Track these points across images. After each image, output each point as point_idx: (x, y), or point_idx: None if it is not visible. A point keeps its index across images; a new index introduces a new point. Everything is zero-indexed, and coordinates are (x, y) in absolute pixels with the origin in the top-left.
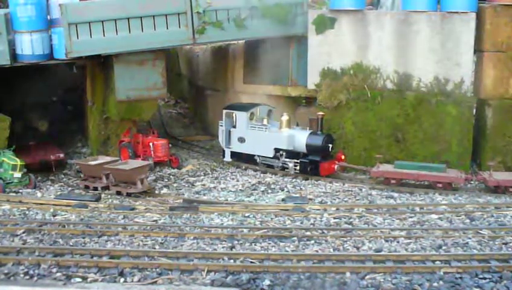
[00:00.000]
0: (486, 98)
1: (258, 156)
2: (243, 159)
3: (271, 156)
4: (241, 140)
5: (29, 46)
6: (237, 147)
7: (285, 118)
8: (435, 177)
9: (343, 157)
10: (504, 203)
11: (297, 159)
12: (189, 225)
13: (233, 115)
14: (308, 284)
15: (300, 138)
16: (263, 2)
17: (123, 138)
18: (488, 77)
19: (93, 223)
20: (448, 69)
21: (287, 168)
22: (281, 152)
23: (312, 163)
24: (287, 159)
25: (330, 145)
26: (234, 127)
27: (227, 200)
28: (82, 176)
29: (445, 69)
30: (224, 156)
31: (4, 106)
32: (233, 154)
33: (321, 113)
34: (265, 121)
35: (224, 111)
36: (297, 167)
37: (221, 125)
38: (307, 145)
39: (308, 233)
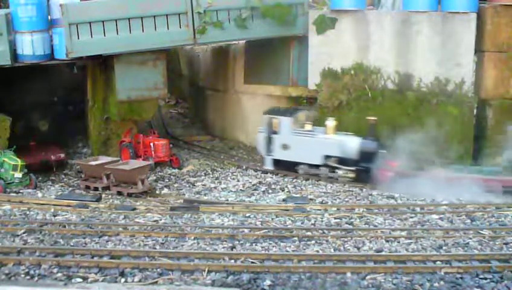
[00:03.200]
0: (487, 98)
1: (302, 163)
2: (285, 167)
3: (320, 163)
4: (285, 147)
5: (30, 46)
6: (280, 155)
7: (331, 123)
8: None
9: (395, 164)
10: (505, 203)
11: (348, 167)
12: (190, 225)
13: (276, 120)
14: (309, 285)
15: (352, 144)
16: (264, 2)
17: (124, 138)
18: (489, 77)
19: (94, 224)
20: (449, 70)
21: (333, 177)
22: (331, 159)
23: (368, 170)
24: (338, 166)
25: (383, 152)
26: (276, 133)
27: (228, 200)
28: (83, 176)
29: (446, 69)
30: (265, 164)
31: (5, 106)
32: (276, 162)
33: (373, 118)
34: (308, 127)
35: (266, 116)
36: (350, 175)
37: (262, 132)
38: (361, 152)
39: (309, 233)
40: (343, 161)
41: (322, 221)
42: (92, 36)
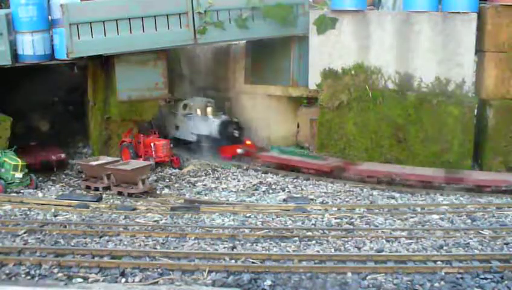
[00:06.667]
0: (488, 99)
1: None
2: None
3: (194, 140)
4: (177, 128)
5: (31, 46)
6: (175, 133)
7: (209, 108)
8: (305, 164)
9: (249, 143)
10: (505, 203)
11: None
12: (191, 225)
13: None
14: (309, 285)
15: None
16: (264, 2)
17: (124, 138)
18: (490, 77)
19: (95, 224)
20: (450, 70)
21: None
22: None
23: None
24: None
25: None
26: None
27: (228, 200)
28: (83, 176)
29: (447, 69)
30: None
31: (5, 106)
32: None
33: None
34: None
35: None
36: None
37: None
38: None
39: (309, 233)
40: (206, 138)
41: (323, 221)
42: (92, 36)
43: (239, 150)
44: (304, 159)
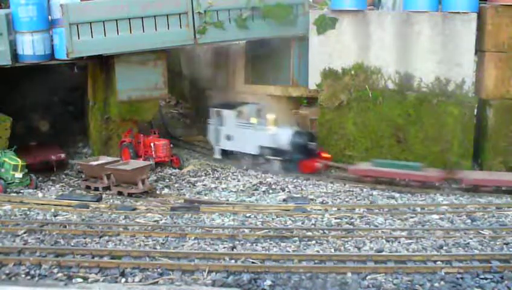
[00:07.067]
0: (488, 99)
1: (243, 153)
2: (231, 157)
3: (256, 153)
4: (229, 138)
5: (30, 46)
6: (225, 145)
7: (270, 116)
8: (410, 176)
9: (325, 155)
10: (505, 203)
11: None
12: (191, 225)
13: (221, 113)
14: (309, 285)
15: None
16: (264, 2)
17: (124, 138)
18: (489, 77)
19: (95, 224)
20: (450, 70)
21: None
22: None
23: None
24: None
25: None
26: (223, 125)
27: (228, 200)
28: (83, 176)
29: (447, 69)
30: (214, 154)
31: (5, 106)
32: (223, 152)
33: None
34: (253, 120)
35: (213, 109)
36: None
37: (211, 124)
38: (291, 144)
39: (309, 233)
40: (275, 152)
41: (323, 221)
42: (92, 36)
43: (318, 164)
44: (406, 171)
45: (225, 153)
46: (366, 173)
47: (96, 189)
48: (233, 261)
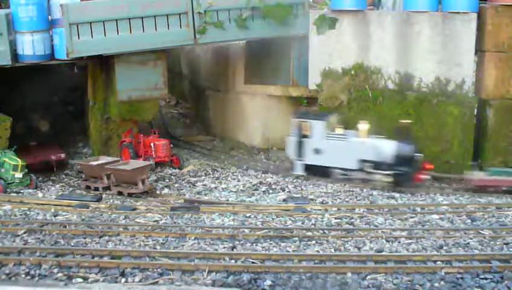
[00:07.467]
0: (488, 99)
1: (336, 168)
2: (316, 172)
3: (355, 167)
4: (317, 151)
5: (30, 46)
6: (312, 159)
7: (363, 126)
8: None
9: (429, 166)
10: (505, 203)
11: (384, 171)
12: (191, 225)
13: (307, 124)
14: (309, 285)
15: (388, 148)
16: (264, 2)
17: (124, 138)
18: (489, 77)
19: (95, 224)
20: (450, 70)
21: (370, 181)
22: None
23: (405, 174)
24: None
25: (419, 155)
26: (308, 137)
27: (228, 200)
28: (83, 176)
29: (447, 69)
30: (295, 170)
31: (5, 106)
32: (307, 167)
33: (407, 121)
34: (340, 130)
35: (295, 120)
36: (387, 179)
37: (292, 136)
38: (397, 156)
39: (309, 233)
40: (378, 165)
41: (323, 221)
42: (92, 36)
43: (423, 177)
44: None
45: (309, 168)
46: (487, 183)
47: (96, 189)
48: (233, 261)
